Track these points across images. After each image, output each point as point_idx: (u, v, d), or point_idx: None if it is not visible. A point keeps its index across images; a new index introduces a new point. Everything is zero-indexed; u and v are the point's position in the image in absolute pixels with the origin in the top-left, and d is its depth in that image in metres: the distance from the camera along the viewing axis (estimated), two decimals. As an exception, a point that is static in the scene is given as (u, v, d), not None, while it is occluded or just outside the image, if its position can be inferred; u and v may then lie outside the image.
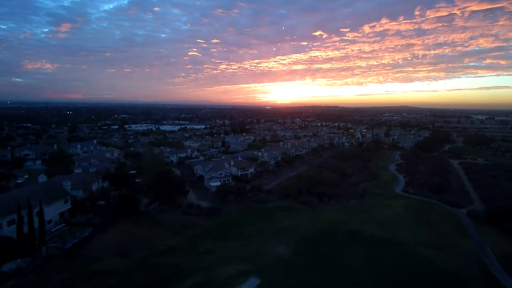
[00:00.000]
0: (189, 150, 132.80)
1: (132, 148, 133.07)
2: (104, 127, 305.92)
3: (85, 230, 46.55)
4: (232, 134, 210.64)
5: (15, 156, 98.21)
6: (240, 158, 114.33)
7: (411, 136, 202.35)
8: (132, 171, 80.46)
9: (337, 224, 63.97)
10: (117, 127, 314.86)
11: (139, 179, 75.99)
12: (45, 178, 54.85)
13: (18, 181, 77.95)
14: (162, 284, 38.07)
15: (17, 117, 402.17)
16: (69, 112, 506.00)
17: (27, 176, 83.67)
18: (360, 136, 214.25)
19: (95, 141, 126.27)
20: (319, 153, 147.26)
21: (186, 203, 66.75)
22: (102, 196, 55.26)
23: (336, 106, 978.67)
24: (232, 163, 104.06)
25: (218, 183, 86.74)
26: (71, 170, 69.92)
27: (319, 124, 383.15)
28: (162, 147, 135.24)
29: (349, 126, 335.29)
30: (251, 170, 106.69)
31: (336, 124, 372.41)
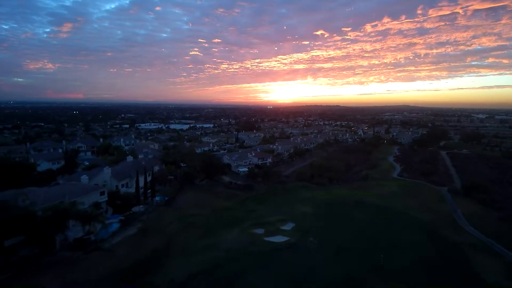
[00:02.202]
0: (211, 145, 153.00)
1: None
2: (116, 126, 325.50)
3: (167, 193, 66.61)
4: (243, 131, 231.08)
5: (69, 148, 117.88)
6: (258, 150, 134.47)
7: (409, 133, 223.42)
8: (176, 159, 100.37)
9: (345, 197, 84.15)
10: (128, 126, 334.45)
11: (184, 164, 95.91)
12: (132, 159, 74.92)
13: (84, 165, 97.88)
14: (231, 223, 58.18)
15: (26, 116, 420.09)
16: (75, 112, 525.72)
17: (87, 163, 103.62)
18: (362, 133, 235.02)
19: (133, 135, 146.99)
20: (326, 147, 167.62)
21: (227, 181, 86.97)
22: (170, 173, 75.31)
23: (337, 106, 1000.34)
24: (253, 154, 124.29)
25: (246, 169, 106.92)
26: (135, 156, 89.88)
27: (321, 123, 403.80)
28: (186, 142, 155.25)
29: (351, 124, 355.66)
30: (269, 160, 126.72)
31: (338, 123, 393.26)
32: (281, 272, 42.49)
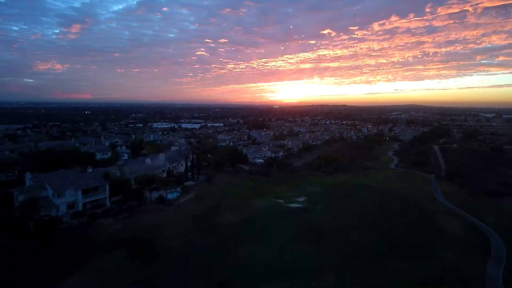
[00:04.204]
0: (227, 141, 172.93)
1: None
2: (130, 125, 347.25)
3: (206, 174, 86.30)
4: (254, 129, 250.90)
5: (107, 142, 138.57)
6: (271, 145, 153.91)
7: (411, 131, 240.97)
8: (205, 150, 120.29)
9: (348, 181, 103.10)
10: (141, 125, 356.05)
11: (210, 155, 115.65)
12: (179, 146, 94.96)
13: (125, 157, 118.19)
14: (258, 195, 77.58)
15: (40, 116, 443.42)
16: (87, 112, 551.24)
17: (126, 155, 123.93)
18: (366, 131, 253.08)
19: (160, 132, 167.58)
20: (332, 143, 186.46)
21: (248, 169, 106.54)
22: (204, 160, 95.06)
23: (344, 105, 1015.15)
24: (266, 148, 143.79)
25: (262, 161, 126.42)
26: (170, 148, 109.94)
27: (328, 122, 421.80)
28: (205, 139, 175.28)
29: (357, 123, 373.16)
30: (281, 153, 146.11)
31: (344, 122, 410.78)
32: (298, 223, 61.76)
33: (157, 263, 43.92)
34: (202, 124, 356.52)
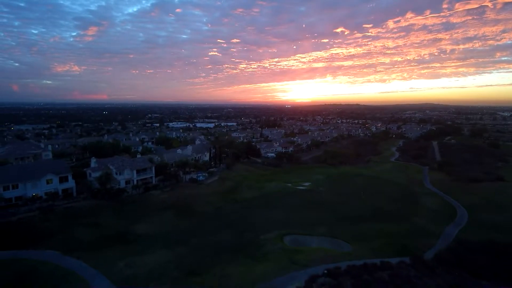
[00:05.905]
0: (241, 138, 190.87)
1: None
2: (147, 125, 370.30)
3: (226, 163, 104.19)
4: (266, 128, 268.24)
5: (136, 139, 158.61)
6: (282, 142, 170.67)
7: (418, 128, 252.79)
8: (223, 145, 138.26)
9: (349, 171, 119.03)
10: (158, 124, 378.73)
11: (228, 149, 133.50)
12: (200, 141, 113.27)
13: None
14: (270, 180, 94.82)
15: (62, 116, 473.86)
16: (105, 112, 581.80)
17: (153, 148, 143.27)
18: (375, 129, 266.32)
19: (181, 130, 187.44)
20: (340, 140, 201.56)
21: (261, 161, 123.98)
22: (223, 152, 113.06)
23: (357, 104, 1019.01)
24: (278, 144, 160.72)
25: (273, 155, 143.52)
26: (194, 142, 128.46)
27: (339, 121, 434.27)
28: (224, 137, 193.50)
29: (367, 122, 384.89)
30: (291, 149, 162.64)
31: (356, 121, 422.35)
32: (302, 198, 78.66)
33: (196, 219, 61.87)
34: (216, 124, 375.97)
